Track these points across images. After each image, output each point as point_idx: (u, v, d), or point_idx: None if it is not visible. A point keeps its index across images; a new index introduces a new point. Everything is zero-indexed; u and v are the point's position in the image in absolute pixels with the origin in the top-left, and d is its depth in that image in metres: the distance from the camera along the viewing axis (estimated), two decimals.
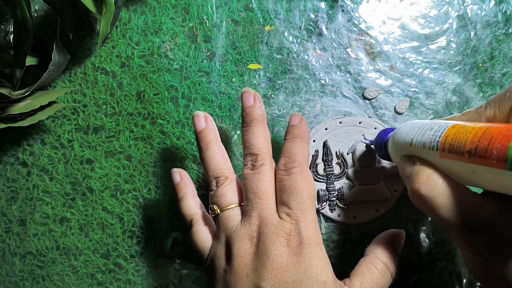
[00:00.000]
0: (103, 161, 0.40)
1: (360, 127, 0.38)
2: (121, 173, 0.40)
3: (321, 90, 0.39)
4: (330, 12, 0.39)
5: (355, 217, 0.37)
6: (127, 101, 0.40)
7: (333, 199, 0.37)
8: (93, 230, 0.40)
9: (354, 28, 0.39)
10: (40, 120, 0.38)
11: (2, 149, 0.41)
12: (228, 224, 0.31)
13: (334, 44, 0.39)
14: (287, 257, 0.28)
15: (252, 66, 0.39)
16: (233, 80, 0.39)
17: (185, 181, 0.36)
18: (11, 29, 0.41)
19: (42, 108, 0.38)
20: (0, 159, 0.41)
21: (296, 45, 0.39)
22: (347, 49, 0.39)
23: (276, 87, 0.39)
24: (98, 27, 0.37)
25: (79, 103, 0.40)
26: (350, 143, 0.38)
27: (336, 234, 0.38)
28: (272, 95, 0.39)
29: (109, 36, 0.40)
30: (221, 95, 0.39)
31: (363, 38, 0.39)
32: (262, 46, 0.39)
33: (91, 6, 0.36)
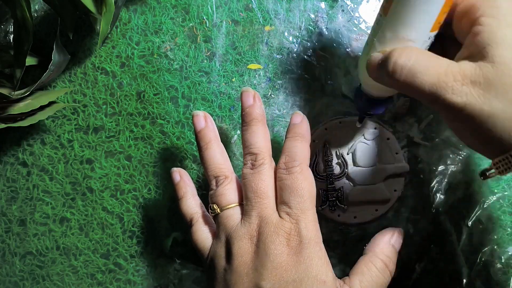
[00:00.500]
0: (103, 161, 0.40)
1: (360, 127, 0.38)
2: (121, 173, 0.40)
3: (321, 90, 0.39)
4: (330, 12, 0.39)
5: (355, 217, 0.37)
6: (127, 101, 0.40)
7: (333, 199, 0.37)
8: (93, 230, 0.40)
9: (354, 28, 0.39)
10: (40, 120, 0.38)
11: (2, 149, 0.41)
12: (228, 224, 0.31)
13: (334, 44, 0.39)
14: (287, 256, 0.28)
15: (252, 66, 0.39)
16: (233, 80, 0.39)
17: (185, 181, 0.36)
18: (11, 29, 0.41)
19: (42, 108, 0.38)
20: (0, 159, 0.41)
21: (296, 45, 0.39)
22: (347, 49, 0.39)
23: (276, 87, 0.39)
24: (98, 27, 0.38)
25: (79, 103, 0.40)
26: (350, 143, 0.38)
27: (336, 234, 0.38)
28: (272, 95, 0.39)
29: (109, 36, 0.40)
30: (221, 95, 0.39)
31: (363, 38, 0.39)
32: (262, 46, 0.39)
33: (91, 6, 0.36)
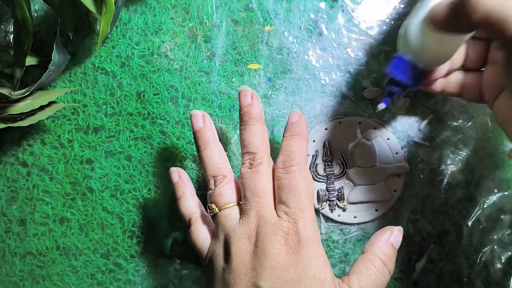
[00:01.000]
0: (103, 161, 0.40)
1: (360, 127, 0.38)
2: (121, 173, 0.40)
3: (321, 90, 0.39)
4: (330, 12, 0.39)
5: (355, 217, 0.37)
6: (127, 101, 0.40)
7: (333, 199, 0.37)
8: (93, 230, 0.40)
9: (354, 28, 0.39)
10: (40, 120, 0.38)
11: (2, 149, 0.41)
12: (226, 223, 0.31)
13: (334, 44, 0.39)
14: (285, 255, 0.28)
15: (252, 66, 0.39)
16: (233, 80, 0.39)
17: (183, 180, 0.36)
18: (11, 29, 0.41)
19: (42, 108, 0.38)
20: (0, 159, 0.41)
21: (296, 45, 0.39)
22: (347, 49, 0.39)
23: (276, 87, 0.39)
24: (98, 27, 0.38)
25: (79, 103, 0.40)
26: (350, 143, 0.38)
27: (336, 234, 0.38)
28: (272, 95, 0.39)
29: (109, 36, 0.40)
30: (221, 95, 0.39)
31: (363, 38, 0.39)
32: (262, 46, 0.39)
33: (91, 6, 0.36)
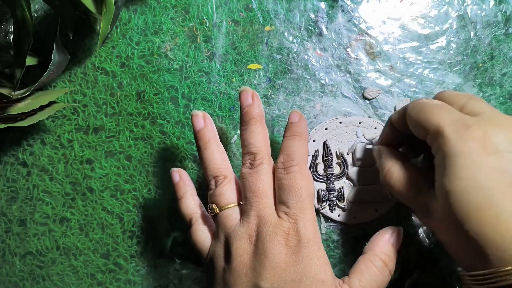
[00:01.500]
0: (103, 161, 0.40)
1: (360, 127, 0.38)
2: (121, 173, 0.40)
3: (321, 90, 0.39)
4: (330, 12, 0.39)
5: (355, 217, 0.37)
6: (127, 101, 0.40)
7: (333, 199, 0.37)
8: (93, 230, 0.40)
9: (354, 28, 0.39)
10: (40, 120, 0.38)
11: (2, 149, 0.41)
12: (227, 223, 0.31)
13: (334, 44, 0.39)
14: (286, 256, 0.28)
15: (252, 66, 0.39)
16: (233, 80, 0.39)
17: (184, 181, 0.36)
18: (11, 29, 0.41)
19: (42, 108, 0.38)
20: (0, 159, 0.41)
21: (296, 45, 0.39)
22: (347, 49, 0.39)
23: (276, 87, 0.39)
24: (98, 27, 0.38)
25: (79, 103, 0.40)
26: (350, 143, 0.38)
27: (336, 234, 0.38)
28: (272, 95, 0.39)
29: (109, 36, 0.40)
30: (221, 95, 0.39)
31: (363, 38, 0.39)
32: (262, 46, 0.39)
33: (91, 6, 0.36)
